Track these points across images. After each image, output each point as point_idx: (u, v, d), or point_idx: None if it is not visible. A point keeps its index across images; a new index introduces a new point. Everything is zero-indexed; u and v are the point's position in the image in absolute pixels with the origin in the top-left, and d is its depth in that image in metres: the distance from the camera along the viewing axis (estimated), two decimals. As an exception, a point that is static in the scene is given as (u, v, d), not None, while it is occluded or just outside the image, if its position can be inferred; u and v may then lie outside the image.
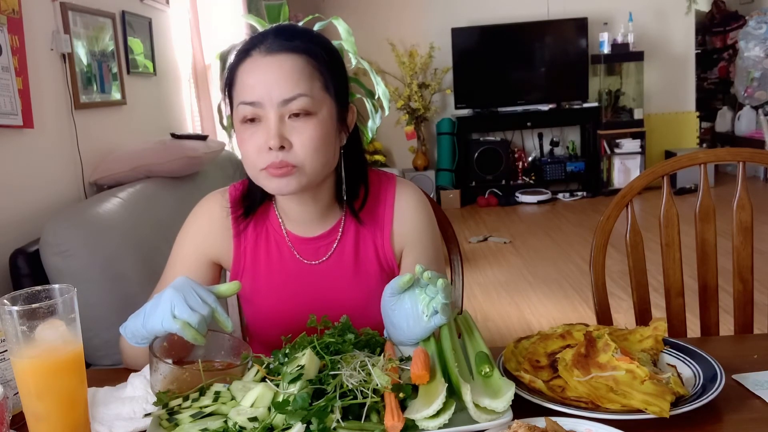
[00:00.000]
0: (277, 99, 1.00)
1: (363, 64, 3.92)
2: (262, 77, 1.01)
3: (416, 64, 6.30)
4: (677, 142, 6.57)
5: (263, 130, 1.01)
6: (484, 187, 6.38)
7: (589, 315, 3.33)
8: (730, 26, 7.15)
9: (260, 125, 1.02)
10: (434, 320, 0.93)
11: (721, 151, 1.42)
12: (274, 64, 1.01)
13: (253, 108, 1.01)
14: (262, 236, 1.17)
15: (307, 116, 1.02)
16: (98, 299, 1.79)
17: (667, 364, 0.96)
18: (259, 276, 1.17)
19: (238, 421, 0.78)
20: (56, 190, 2.21)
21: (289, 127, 1.01)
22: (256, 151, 1.02)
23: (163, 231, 2.17)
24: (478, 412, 0.80)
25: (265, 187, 1.07)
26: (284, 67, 1.01)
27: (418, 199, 1.19)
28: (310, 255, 1.16)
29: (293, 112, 1.01)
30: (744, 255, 1.38)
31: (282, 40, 1.03)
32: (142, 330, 0.95)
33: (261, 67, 1.02)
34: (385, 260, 1.17)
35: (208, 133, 3.41)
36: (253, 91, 1.01)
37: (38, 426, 0.80)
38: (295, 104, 1.01)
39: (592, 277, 1.40)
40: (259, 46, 1.03)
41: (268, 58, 1.02)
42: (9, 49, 1.90)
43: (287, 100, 1.00)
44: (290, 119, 1.01)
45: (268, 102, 1.01)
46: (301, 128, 1.02)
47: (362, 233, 1.16)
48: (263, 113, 1.01)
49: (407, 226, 1.17)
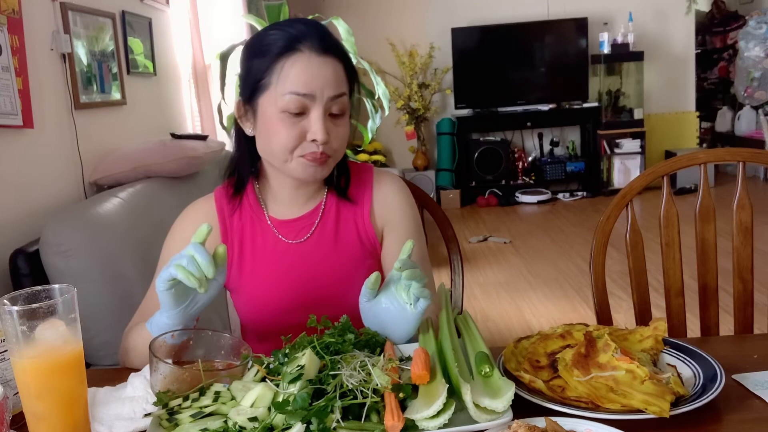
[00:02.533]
0: (328, 95, 1.08)
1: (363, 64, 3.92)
2: (318, 73, 1.08)
3: (416, 64, 6.30)
4: (677, 142, 6.58)
5: (307, 123, 1.09)
6: (484, 187, 6.38)
7: (589, 315, 3.33)
8: (730, 26, 7.15)
9: (304, 117, 1.09)
10: (419, 305, 0.97)
11: (721, 151, 1.42)
12: (327, 63, 1.09)
13: (303, 100, 1.07)
14: (248, 226, 1.22)
15: (342, 115, 1.12)
16: (98, 299, 1.79)
17: (667, 364, 0.96)
18: (245, 264, 1.21)
19: (238, 421, 0.78)
20: (56, 190, 2.21)
21: (328, 122, 1.10)
22: (296, 139, 1.09)
23: (164, 231, 2.16)
24: (478, 412, 0.80)
25: (293, 171, 1.13)
26: (335, 67, 1.10)
27: (396, 182, 1.27)
28: (293, 235, 1.21)
29: (332, 111, 1.10)
30: (744, 255, 1.38)
31: (327, 42, 1.10)
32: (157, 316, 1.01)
33: (315, 64, 1.08)
34: (366, 236, 1.22)
35: (208, 133, 3.41)
36: (307, 85, 1.07)
37: (38, 426, 0.80)
38: (338, 103, 1.10)
39: (592, 277, 1.40)
40: (305, 43, 1.08)
41: (322, 58, 1.08)
42: (9, 49, 1.90)
43: (335, 97, 1.09)
44: (329, 117, 1.10)
45: (320, 96, 1.08)
46: (338, 125, 1.12)
47: (342, 212, 1.22)
48: (311, 106, 1.08)
49: (386, 206, 1.23)
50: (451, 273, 1.49)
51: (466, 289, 3.76)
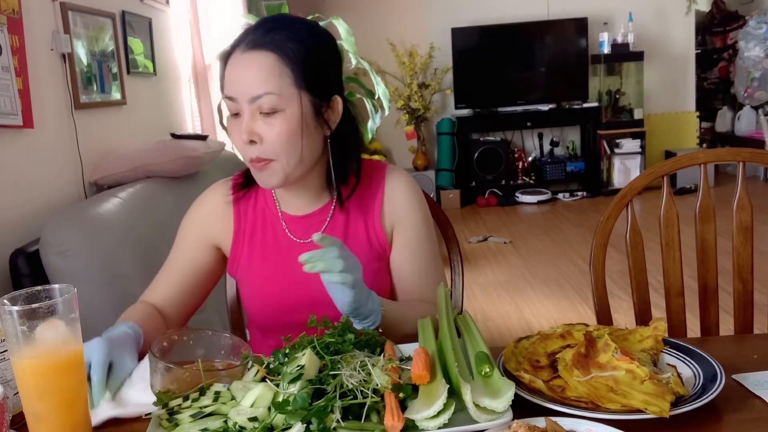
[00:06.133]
0: (246, 96, 1.05)
1: (363, 64, 3.92)
2: (237, 74, 1.06)
3: (416, 64, 6.29)
4: (677, 142, 6.57)
5: (241, 125, 1.07)
6: (484, 187, 6.38)
7: (589, 315, 3.33)
8: (730, 26, 7.15)
9: (240, 120, 1.07)
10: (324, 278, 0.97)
11: (721, 151, 1.42)
12: (247, 61, 1.05)
13: (232, 103, 1.07)
14: (260, 217, 1.23)
15: (275, 113, 1.06)
16: (98, 299, 1.79)
17: (667, 364, 0.96)
18: (254, 257, 1.22)
19: (238, 421, 0.78)
20: (56, 190, 2.21)
21: (260, 123, 1.06)
22: (240, 144, 1.08)
23: (163, 231, 2.17)
24: (478, 412, 0.80)
25: (256, 179, 1.13)
26: (254, 65, 1.05)
27: (407, 181, 1.24)
28: (302, 234, 1.21)
29: (262, 110, 1.05)
30: (744, 255, 1.38)
31: (258, 36, 1.06)
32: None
33: (238, 64, 1.06)
34: (375, 238, 1.21)
35: (208, 133, 3.41)
36: (230, 87, 1.07)
37: (38, 426, 0.80)
38: (263, 101, 1.05)
39: (592, 277, 1.40)
40: (243, 42, 1.07)
41: (245, 56, 1.06)
42: (9, 49, 1.90)
43: (255, 98, 1.05)
44: (261, 115, 1.06)
45: (242, 98, 1.06)
46: (270, 123, 1.06)
47: (353, 214, 1.21)
48: (240, 108, 1.07)
49: (396, 205, 1.21)
50: (451, 273, 1.49)
51: (466, 289, 3.76)
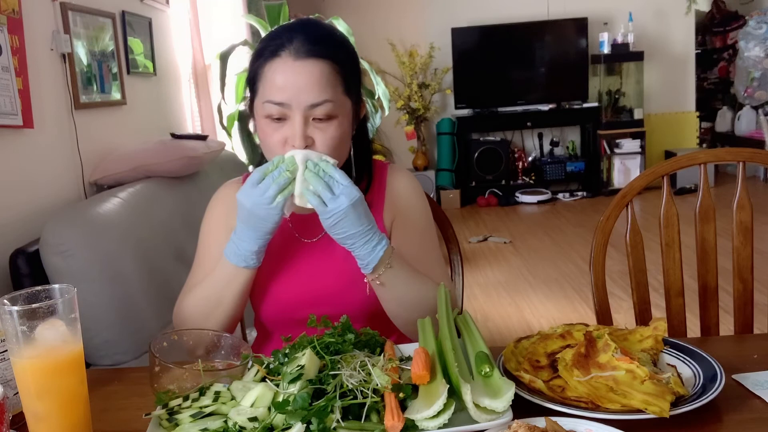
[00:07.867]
0: (305, 103, 1.05)
1: (363, 64, 3.91)
2: (292, 81, 1.05)
3: (416, 64, 6.30)
4: (677, 142, 6.57)
5: (288, 128, 1.07)
6: (484, 187, 6.38)
7: (589, 315, 3.33)
8: (730, 26, 7.15)
9: (285, 123, 1.07)
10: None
11: (721, 151, 1.42)
12: (302, 69, 1.05)
13: (280, 108, 1.06)
14: None
15: (330, 119, 1.07)
16: (98, 299, 1.79)
17: (667, 364, 0.96)
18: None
19: (238, 421, 0.78)
20: (56, 190, 2.21)
21: (312, 127, 1.07)
22: (280, 144, 1.08)
23: (163, 231, 2.17)
24: (478, 412, 0.80)
25: None
26: (313, 73, 1.05)
27: (408, 178, 1.27)
28: (307, 233, 1.21)
29: (316, 116, 1.06)
30: (744, 255, 1.38)
31: (310, 45, 1.06)
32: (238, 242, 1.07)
33: (290, 71, 1.06)
34: None
35: (208, 133, 3.41)
36: (282, 93, 1.05)
37: (38, 426, 0.80)
38: (320, 109, 1.06)
39: (592, 277, 1.40)
40: (288, 47, 1.06)
41: (298, 63, 1.05)
42: (9, 49, 1.90)
43: (314, 105, 1.05)
44: (314, 121, 1.07)
45: (296, 105, 1.05)
46: (324, 129, 1.07)
47: None
48: (290, 114, 1.06)
49: (396, 203, 1.23)
50: (451, 273, 1.49)
51: (466, 289, 3.76)
